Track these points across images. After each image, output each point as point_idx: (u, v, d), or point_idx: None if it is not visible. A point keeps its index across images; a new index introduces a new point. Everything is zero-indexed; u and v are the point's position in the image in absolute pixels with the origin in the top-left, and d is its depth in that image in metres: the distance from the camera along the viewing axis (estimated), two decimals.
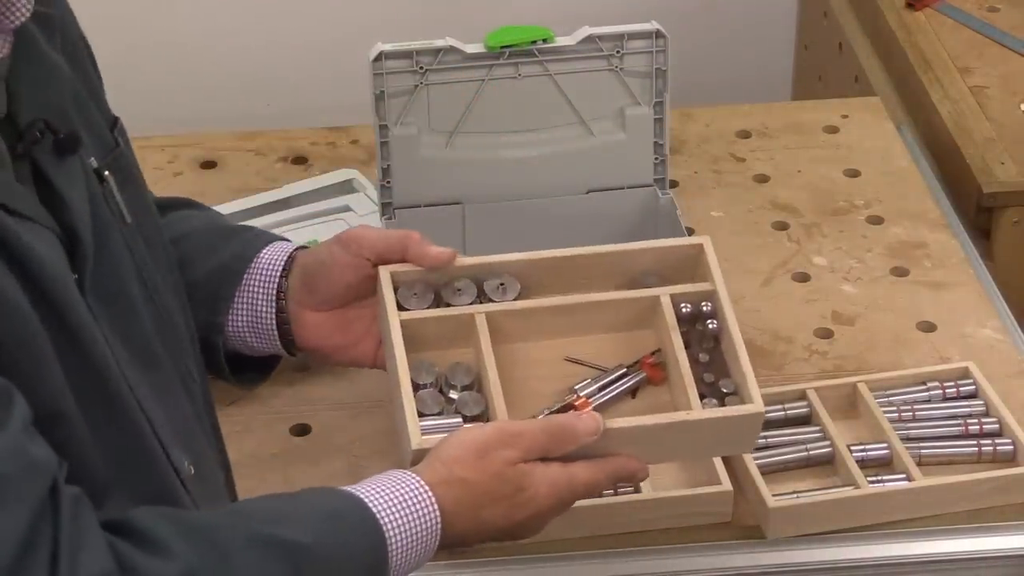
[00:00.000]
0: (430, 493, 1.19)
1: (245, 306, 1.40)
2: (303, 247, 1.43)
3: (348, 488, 1.19)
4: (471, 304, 1.36)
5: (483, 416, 1.31)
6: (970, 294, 1.86)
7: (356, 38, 2.02)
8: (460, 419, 1.30)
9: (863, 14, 2.48)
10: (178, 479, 1.19)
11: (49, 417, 1.06)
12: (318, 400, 1.71)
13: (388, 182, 1.80)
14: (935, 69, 2.25)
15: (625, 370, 1.36)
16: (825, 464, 1.62)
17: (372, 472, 1.60)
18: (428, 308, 1.36)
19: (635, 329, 1.38)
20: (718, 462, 1.57)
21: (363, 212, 1.94)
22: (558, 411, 1.31)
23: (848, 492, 1.57)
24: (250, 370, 1.45)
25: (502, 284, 1.38)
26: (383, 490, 1.19)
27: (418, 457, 1.24)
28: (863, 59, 2.42)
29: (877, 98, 2.25)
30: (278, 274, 1.39)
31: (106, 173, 1.20)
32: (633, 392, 1.35)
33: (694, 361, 1.34)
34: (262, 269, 1.40)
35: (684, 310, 1.36)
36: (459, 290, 1.37)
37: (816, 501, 1.56)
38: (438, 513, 1.19)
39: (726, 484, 1.56)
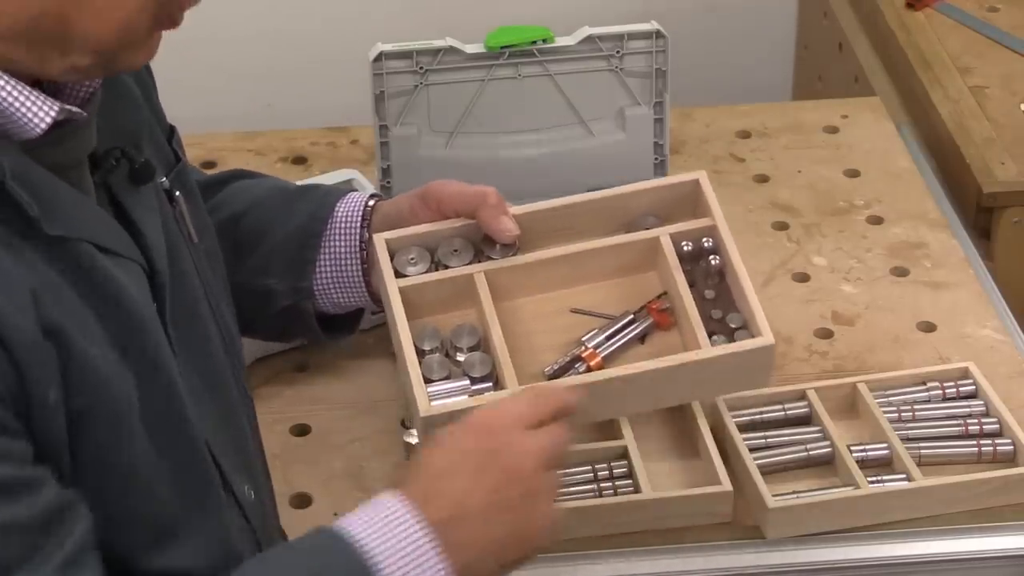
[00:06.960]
0: (397, 494, 1.08)
1: (329, 263, 1.37)
2: (378, 195, 1.40)
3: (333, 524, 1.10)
4: (469, 264, 1.33)
5: (491, 375, 1.27)
6: (970, 294, 1.86)
7: (356, 38, 2.02)
8: (467, 381, 1.27)
9: (863, 14, 2.48)
10: (240, 511, 1.18)
11: (128, 478, 1.05)
12: (318, 400, 1.71)
13: (388, 182, 1.80)
14: (935, 69, 2.25)
15: (632, 317, 1.32)
16: (825, 464, 1.62)
17: (372, 472, 1.62)
18: (426, 272, 1.33)
19: (638, 273, 1.35)
20: (718, 462, 1.57)
21: None
22: (567, 365, 1.27)
23: (848, 492, 1.57)
24: (335, 328, 1.41)
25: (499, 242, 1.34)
26: (362, 516, 1.09)
27: (428, 424, 1.20)
28: (863, 59, 2.42)
29: (877, 98, 2.25)
30: (359, 225, 1.37)
31: (176, 193, 1.19)
32: (642, 338, 1.31)
33: (700, 298, 1.30)
34: (342, 223, 1.37)
35: (685, 248, 1.32)
36: (456, 251, 1.34)
37: (816, 501, 1.56)
38: (404, 504, 1.08)
39: (726, 484, 1.55)
